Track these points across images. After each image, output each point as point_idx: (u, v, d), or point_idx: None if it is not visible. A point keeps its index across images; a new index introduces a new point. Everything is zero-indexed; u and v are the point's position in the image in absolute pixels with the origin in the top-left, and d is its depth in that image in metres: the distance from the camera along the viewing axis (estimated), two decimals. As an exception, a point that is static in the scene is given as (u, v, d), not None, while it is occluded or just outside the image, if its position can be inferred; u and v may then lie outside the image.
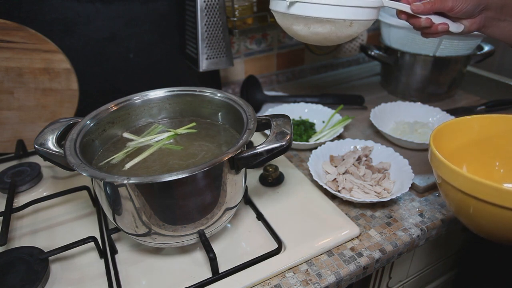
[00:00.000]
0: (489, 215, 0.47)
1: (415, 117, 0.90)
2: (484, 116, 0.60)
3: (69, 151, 0.49)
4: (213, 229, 0.54)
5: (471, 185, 0.46)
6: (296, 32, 0.62)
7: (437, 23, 0.60)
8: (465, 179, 0.47)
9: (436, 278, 0.90)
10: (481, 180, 0.44)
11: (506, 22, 0.62)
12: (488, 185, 0.44)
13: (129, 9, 0.83)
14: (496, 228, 0.48)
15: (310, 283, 0.53)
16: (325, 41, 0.62)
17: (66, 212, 0.66)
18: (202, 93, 0.64)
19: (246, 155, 0.49)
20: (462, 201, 0.49)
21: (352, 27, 0.58)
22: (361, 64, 1.33)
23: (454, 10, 0.59)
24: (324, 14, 0.56)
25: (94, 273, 0.54)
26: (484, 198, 0.45)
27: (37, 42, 0.75)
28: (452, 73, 0.98)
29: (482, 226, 0.50)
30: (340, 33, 0.59)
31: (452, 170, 0.48)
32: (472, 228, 0.53)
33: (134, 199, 0.47)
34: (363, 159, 0.74)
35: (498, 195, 0.44)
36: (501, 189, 0.43)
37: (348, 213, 0.65)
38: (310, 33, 0.60)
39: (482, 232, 0.52)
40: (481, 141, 0.61)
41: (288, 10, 0.58)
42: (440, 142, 0.56)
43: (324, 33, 0.59)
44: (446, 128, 0.58)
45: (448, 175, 0.49)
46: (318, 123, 0.91)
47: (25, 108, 0.79)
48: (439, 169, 0.51)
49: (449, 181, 0.49)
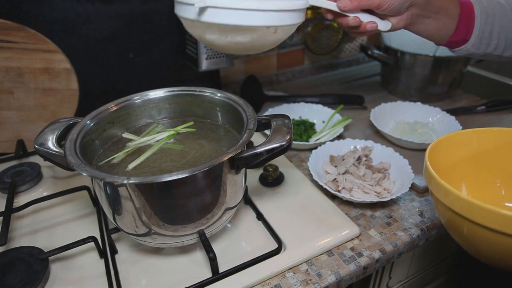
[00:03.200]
0: (486, 240, 0.43)
1: (415, 117, 0.90)
2: (483, 130, 0.57)
3: (69, 151, 0.49)
4: (213, 229, 0.54)
5: (465, 207, 0.43)
6: (212, 42, 0.52)
7: (365, 21, 0.58)
8: (459, 201, 0.43)
9: (436, 278, 0.90)
10: (478, 203, 0.40)
11: (431, 19, 0.61)
12: (486, 209, 0.40)
13: (129, 9, 0.83)
14: (492, 253, 0.45)
15: (310, 283, 0.53)
16: (248, 51, 0.54)
17: (66, 212, 0.66)
18: (202, 93, 0.64)
19: (246, 155, 0.49)
20: (454, 221, 0.46)
21: (277, 33, 0.51)
22: (361, 64, 1.33)
23: (381, 7, 0.57)
24: (243, 21, 0.46)
25: (94, 273, 0.54)
26: (479, 222, 0.41)
27: (37, 42, 0.75)
28: (452, 73, 0.98)
29: (478, 248, 0.47)
30: (264, 41, 0.51)
31: (446, 189, 0.44)
32: (466, 248, 0.50)
33: (134, 199, 0.47)
34: (363, 159, 0.74)
35: (497, 220, 0.40)
36: (500, 213, 0.39)
37: (348, 213, 0.65)
38: (228, 42, 0.51)
39: (477, 255, 0.49)
40: (481, 155, 0.58)
41: (198, 17, 0.47)
42: (438, 156, 0.53)
43: (245, 42, 0.50)
44: (444, 141, 0.56)
45: (442, 195, 0.46)
46: (318, 123, 0.91)
47: (25, 108, 0.79)
48: (431, 184, 0.49)
49: (445, 203, 0.46)
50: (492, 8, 0.62)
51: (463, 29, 0.63)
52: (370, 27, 0.59)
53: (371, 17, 0.59)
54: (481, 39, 0.63)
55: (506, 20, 0.62)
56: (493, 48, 0.64)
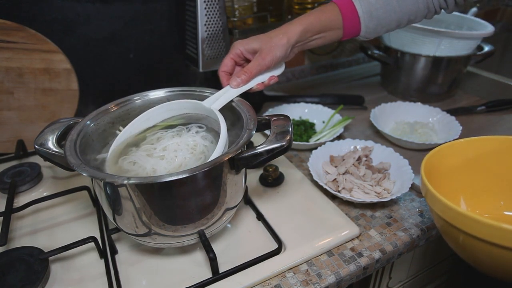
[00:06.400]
0: (484, 252, 0.42)
1: (415, 117, 0.90)
2: (479, 139, 0.56)
3: (69, 151, 0.49)
4: (213, 229, 0.54)
5: (463, 221, 0.42)
6: None
7: (267, 81, 0.62)
8: (457, 215, 0.43)
9: (436, 278, 0.90)
10: (477, 217, 0.40)
11: (315, 40, 0.64)
12: (485, 223, 0.39)
13: (129, 9, 0.83)
14: (491, 264, 0.45)
15: (310, 283, 0.53)
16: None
17: (66, 212, 0.66)
18: (202, 93, 0.64)
19: (246, 155, 0.49)
20: (451, 233, 0.45)
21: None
22: (361, 64, 1.33)
23: (272, 65, 0.61)
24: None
25: (94, 273, 0.54)
26: (477, 236, 0.41)
27: (37, 42, 0.75)
28: (452, 73, 0.98)
29: (475, 259, 0.47)
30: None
31: (443, 203, 0.44)
32: (463, 258, 0.50)
33: (134, 199, 0.47)
34: (363, 159, 0.74)
35: (496, 234, 0.39)
36: (499, 227, 0.39)
37: (348, 213, 0.65)
38: None
39: (476, 266, 0.49)
40: (478, 164, 0.57)
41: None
42: (434, 167, 0.52)
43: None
44: (439, 152, 0.55)
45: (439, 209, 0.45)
46: (318, 123, 0.91)
47: (25, 108, 0.79)
48: (427, 197, 0.48)
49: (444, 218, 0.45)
50: (375, 3, 0.63)
51: (350, 30, 0.64)
52: (273, 81, 0.63)
53: (268, 73, 0.63)
54: (372, 30, 0.65)
55: (390, 8, 0.63)
56: (386, 30, 0.66)
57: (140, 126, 0.61)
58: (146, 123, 0.61)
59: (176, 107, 0.61)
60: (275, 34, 0.60)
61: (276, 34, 0.60)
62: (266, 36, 0.61)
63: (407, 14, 0.64)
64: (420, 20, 0.68)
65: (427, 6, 0.64)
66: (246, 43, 0.61)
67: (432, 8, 0.65)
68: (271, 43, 0.60)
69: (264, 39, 0.60)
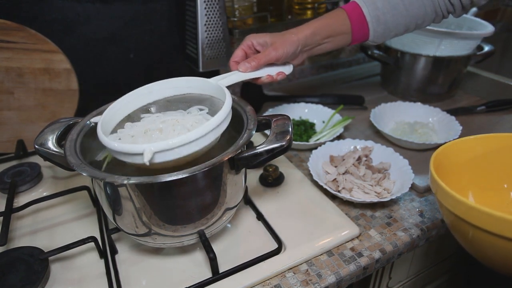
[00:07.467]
0: (493, 245, 0.43)
1: (415, 117, 0.90)
2: (487, 136, 0.57)
3: (69, 151, 0.49)
4: (213, 229, 0.54)
5: (473, 214, 0.42)
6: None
7: (275, 75, 0.64)
8: (467, 208, 0.43)
9: (436, 278, 0.90)
10: (487, 210, 0.40)
11: (324, 44, 0.66)
12: (495, 215, 0.40)
13: (129, 9, 0.83)
14: (499, 258, 0.45)
15: (310, 283, 0.53)
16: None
17: (66, 212, 0.66)
18: (202, 93, 0.64)
19: (246, 155, 0.49)
20: (460, 226, 0.46)
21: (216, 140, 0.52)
22: (361, 64, 1.32)
23: (282, 58, 0.62)
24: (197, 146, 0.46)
25: (94, 273, 0.54)
26: (487, 229, 0.41)
27: (37, 42, 0.75)
28: (452, 73, 0.98)
29: (484, 254, 0.47)
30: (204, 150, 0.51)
31: (453, 197, 0.44)
32: (471, 253, 0.50)
33: (134, 199, 0.47)
34: (363, 159, 0.74)
35: (505, 226, 0.40)
36: (510, 220, 0.39)
37: (348, 213, 0.65)
38: (177, 163, 0.49)
39: (483, 260, 0.49)
40: (486, 160, 0.58)
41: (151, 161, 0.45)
42: (442, 163, 0.53)
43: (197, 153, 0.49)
44: (448, 148, 0.55)
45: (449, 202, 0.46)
46: (318, 123, 0.91)
47: (25, 108, 0.79)
48: (438, 193, 0.48)
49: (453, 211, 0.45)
50: (382, 8, 0.64)
51: (359, 35, 0.66)
52: (281, 77, 0.64)
53: (277, 68, 0.65)
54: (381, 35, 0.66)
55: (397, 12, 0.64)
56: (395, 34, 0.68)
57: (140, 101, 0.57)
58: (147, 97, 0.58)
59: (181, 84, 0.59)
60: (286, 33, 0.63)
61: (287, 33, 0.63)
62: (278, 33, 0.64)
63: (415, 18, 0.65)
64: (428, 25, 0.68)
65: (435, 10, 0.65)
66: (259, 37, 0.64)
67: (440, 13, 0.66)
68: (283, 38, 0.62)
69: (276, 34, 0.63)
